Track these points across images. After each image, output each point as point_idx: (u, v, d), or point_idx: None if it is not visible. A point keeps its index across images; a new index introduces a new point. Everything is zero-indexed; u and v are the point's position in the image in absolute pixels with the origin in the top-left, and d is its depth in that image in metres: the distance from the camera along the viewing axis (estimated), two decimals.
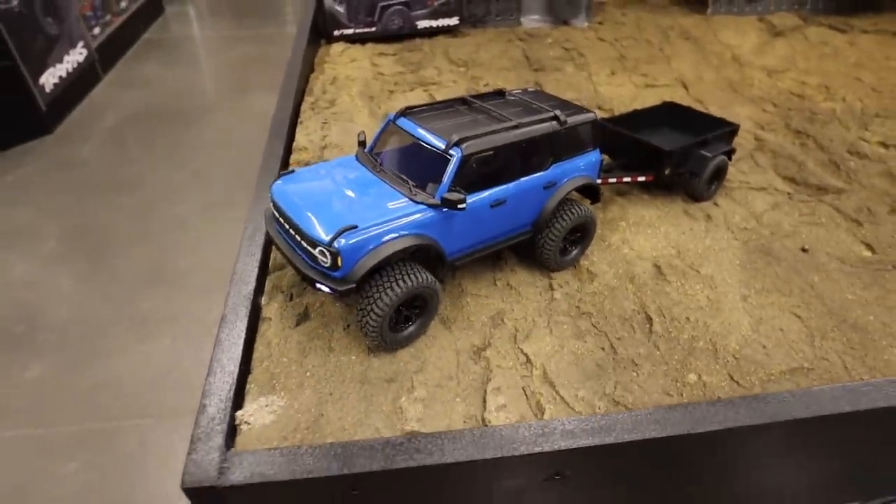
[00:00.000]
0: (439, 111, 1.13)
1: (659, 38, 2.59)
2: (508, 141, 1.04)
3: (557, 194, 1.14)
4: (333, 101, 1.89)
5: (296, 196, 1.00)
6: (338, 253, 0.89)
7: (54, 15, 5.34)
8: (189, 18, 8.59)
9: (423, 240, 0.96)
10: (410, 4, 2.39)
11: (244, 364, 0.93)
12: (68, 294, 4.08)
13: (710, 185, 1.55)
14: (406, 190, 1.00)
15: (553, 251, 1.17)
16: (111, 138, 5.72)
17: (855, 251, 1.46)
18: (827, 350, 1.12)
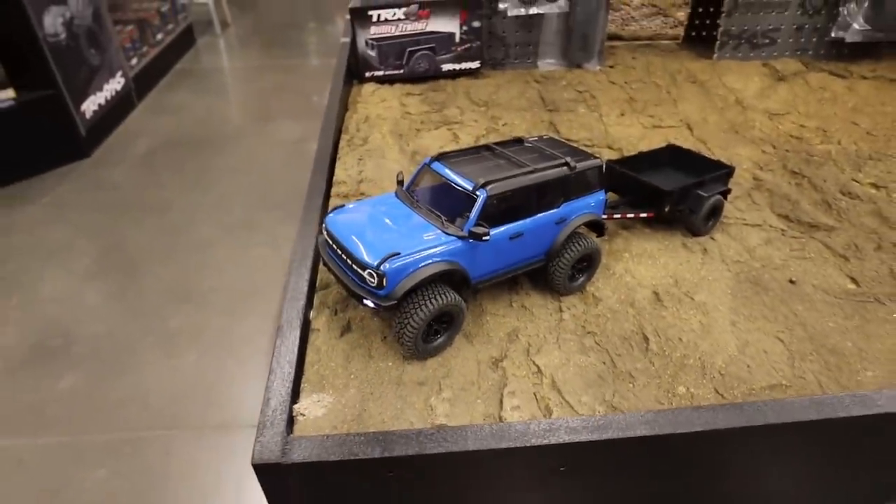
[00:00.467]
0: (468, 156, 1.33)
1: (667, 81, 2.77)
2: (526, 184, 1.22)
3: (567, 229, 1.32)
4: (366, 138, 2.09)
5: (346, 227, 1.20)
6: (384, 275, 1.08)
7: (97, 46, 5.68)
8: (219, 49, 8.97)
9: (452, 265, 1.14)
10: (436, 49, 2.60)
11: (298, 367, 1.10)
12: (101, 310, 4.30)
13: (707, 222, 1.71)
14: (439, 223, 1.18)
15: (563, 278, 1.34)
16: (143, 162, 6.01)
17: (840, 284, 1.60)
18: (805, 370, 1.27)
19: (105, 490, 3.10)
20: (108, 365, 3.80)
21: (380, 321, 1.28)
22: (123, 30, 6.48)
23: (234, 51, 8.80)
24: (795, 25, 2.89)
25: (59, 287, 4.38)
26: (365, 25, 2.51)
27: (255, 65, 8.31)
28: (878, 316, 1.49)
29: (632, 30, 3.60)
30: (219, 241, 4.89)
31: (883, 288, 1.59)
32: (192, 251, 4.81)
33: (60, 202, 5.24)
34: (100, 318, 4.13)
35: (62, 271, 4.53)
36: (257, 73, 8.14)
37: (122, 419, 3.49)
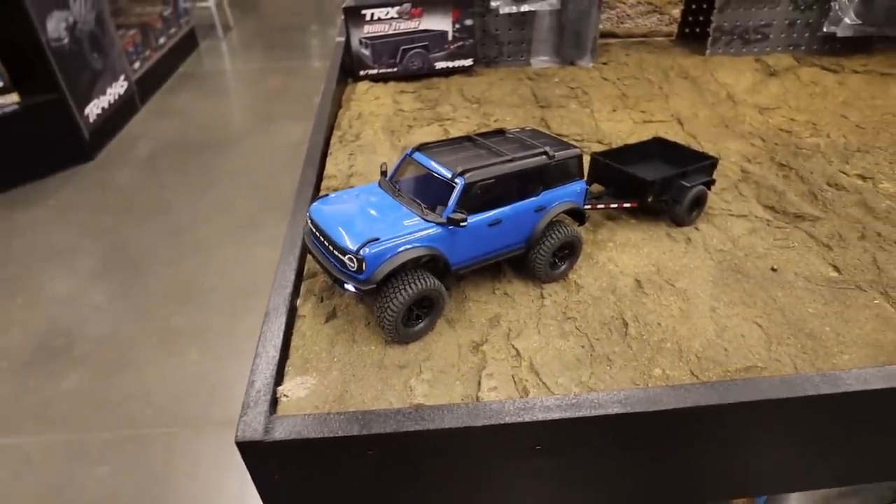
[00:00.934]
0: (448, 147, 1.36)
1: (659, 77, 2.80)
2: (504, 172, 1.25)
3: (547, 217, 1.35)
4: (359, 134, 2.12)
5: (329, 215, 1.24)
6: (363, 259, 1.11)
7: (100, 51, 5.75)
8: (221, 52, 9.03)
9: (432, 251, 1.18)
10: (429, 47, 2.64)
11: (283, 351, 1.14)
12: (104, 310, 4.36)
13: (691, 212, 1.74)
14: (419, 211, 1.22)
15: (543, 265, 1.37)
16: (146, 165, 6.08)
17: (822, 272, 1.63)
18: (781, 354, 1.29)
19: (108, 487, 3.15)
20: (110, 364, 3.86)
21: (364, 308, 1.31)
22: (126, 34, 6.56)
23: (236, 53, 8.88)
24: (787, 21, 2.91)
25: (63, 288, 4.45)
26: (358, 24, 2.55)
27: (257, 67, 8.38)
28: (857, 302, 1.51)
29: (627, 27, 3.62)
30: (220, 242, 4.95)
31: (864, 275, 1.62)
32: (194, 251, 4.88)
33: (64, 204, 5.31)
34: (103, 318, 4.19)
35: (66, 272, 4.59)
36: (259, 75, 8.21)
37: (124, 417, 3.54)
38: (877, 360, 1.35)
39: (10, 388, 3.67)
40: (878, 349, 1.37)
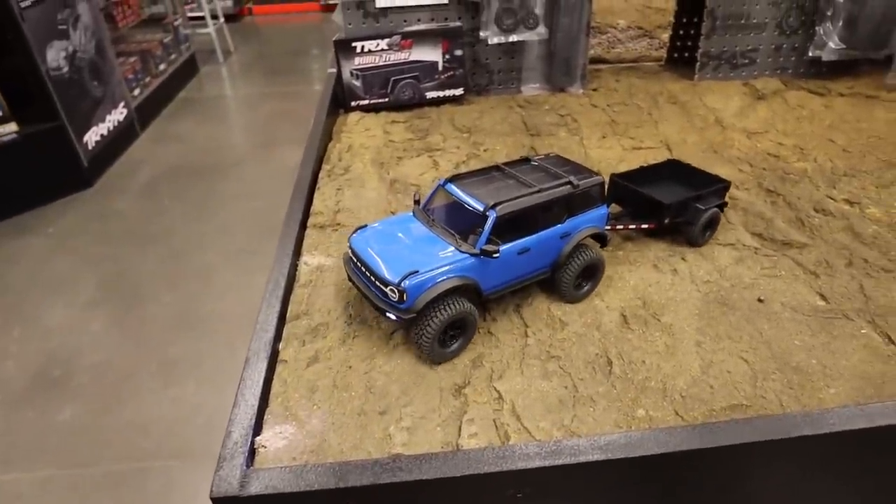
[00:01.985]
0: (478, 178, 1.43)
1: (648, 103, 2.82)
2: (532, 203, 1.33)
3: (571, 242, 1.42)
4: (348, 167, 2.14)
5: (368, 245, 1.32)
6: (404, 291, 1.19)
7: (100, 79, 5.82)
8: (222, 77, 9.12)
9: (466, 280, 1.26)
10: (420, 78, 2.66)
11: (263, 399, 1.13)
12: (103, 339, 4.36)
13: (704, 233, 1.79)
14: (453, 241, 1.29)
15: (568, 287, 1.44)
16: (146, 191, 6.11)
17: (809, 301, 1.62)
18: (767, 390, 1.29)
19: None
20: (108, 395, 3.85)
21: (346, 352, 1.31)
22: (126, 61, 6.63)
23: (236, 79, 8.96)
24: (774, 45, 2.94)
25: (61, 317, 4.45)
26: (349, 56, 2.58)
27: (258, 92, 8.46)
28: (844, 332, 1.51)
29: (617, 52, 3.66)
30: (221, 268, 4.95)
31: (852, 304, 1.61)
32: (194, 278, 4.88)
33: (63, 232, 5.33)
34: (101, 348, 4.18)
35: (64, 301, 4.60)
36: (260, 100, 8.28)
37: (122, 450, 3.52)
38: (864, 392, 1.34)
39: (3, 422, 3.66)
40: (866, 381, 1.37)
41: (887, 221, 1.93)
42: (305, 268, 1.57)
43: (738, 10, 2.86)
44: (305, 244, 1.66)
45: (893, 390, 1.34)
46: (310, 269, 1.56)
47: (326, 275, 1.55)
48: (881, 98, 2.66)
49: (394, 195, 1.96)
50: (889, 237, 1.86)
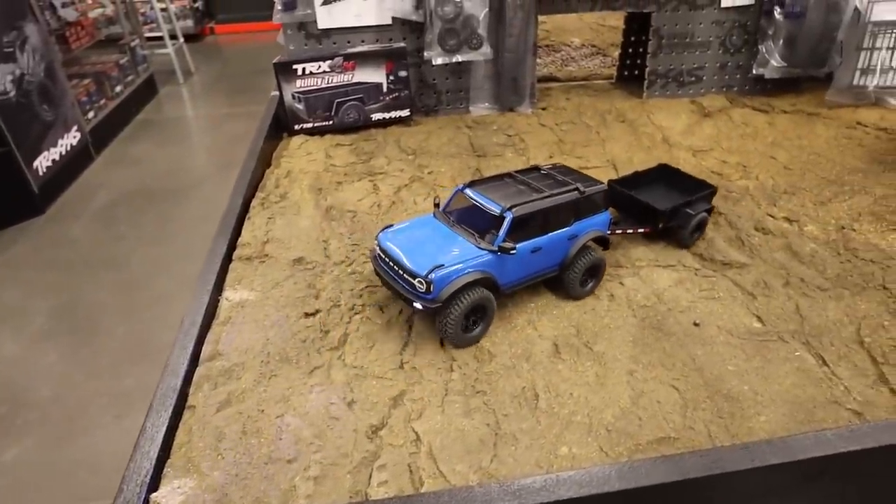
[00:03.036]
0: (493, 183, 1.56)
1: (597, 121, 2.82)
2: (544, 206, 1.46)
3: (577, 243, 1.55)
4: (284, 194, 2.08)
5: (397, 242, 1.42)
6: (431, 282, 1.31)
7: (50, 102, 5.67)
8: (182, 98, 8.99)
9: (485, 274, 1.38)
10: (364, 100, 2.63)
11: (164, 450, 1.07)
12: (53, 372, 4.19)
13: (693, 236, 1.89)
14: (473, 240, 1.41)
15: (575, 284, 1.57)
16: (101, 216, 5.95)
17: (746, 323, 1.61)
18: (696, 420, 1.26)
19: None
20: (57, 431, 3.68)
21: (260, 395, 1.25)
22: (80, 84, 6.49)
23: (197, 99, 8.84)
24: (719, 63, 2.97)
25: (9, 350, 4.27)
26: (290, 79, 2.53)
27: (220, 112, 8.34)
28: (779, 355, 1.49)
29: (570, 70, 3.68)
30: (179, 295, 4.81)
31: (787, 325, 1.60)
32: (149, 306, 4.74)
33: (13, 261, 5.15)
34: (51, 381, 4.02)
35: (13, 333, 4.42)
36: (222, 120, 8.17)
37: (72, 488, 3.36)
38: (795, 418, 1.32)
39: None
40: (797, 406, 1.35)
41: (824, 239, 1.93)
42: (226, 303, 1.50)
43: (682, 30, 2.89)
44: (229, 278, 1.59)
45: (824, 415, 1.33)
46: (231, 305, 1.49)
47: (248, 311, 1.48)
48: (822, 115, 2.70)
49: (328, 223, 1.91)
50: (826, 255, 1.86)
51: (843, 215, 2.04)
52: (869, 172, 2.24)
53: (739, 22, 2.89)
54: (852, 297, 1.71)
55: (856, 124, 2.57)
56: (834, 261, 1.84)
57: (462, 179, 2.31)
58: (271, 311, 1.48)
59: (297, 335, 1.41)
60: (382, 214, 2.00)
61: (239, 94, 8.85)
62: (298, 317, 1.47)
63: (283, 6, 2.50)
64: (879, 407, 1.37)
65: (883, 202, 2.07)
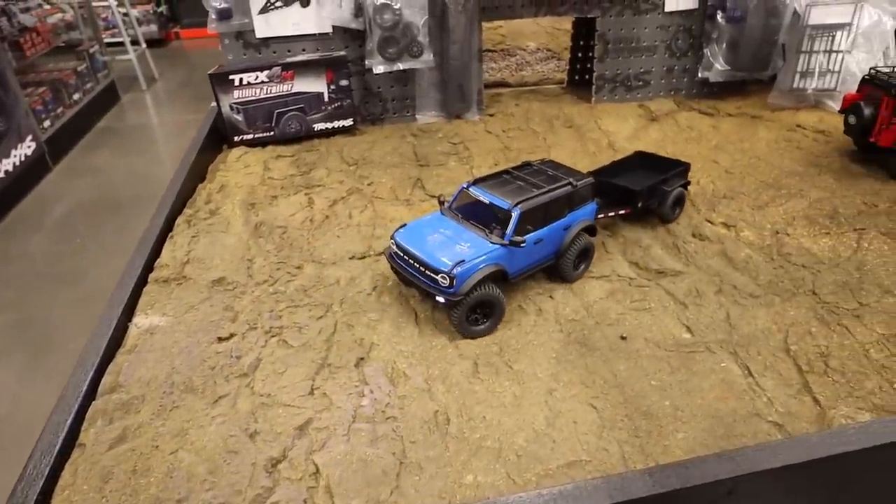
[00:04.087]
0: (495, 181, 1.68)
1: (544, 127, 2.80)
2: (545, 201, 1.59)
3: (571, 232, 1.68)
4: (215, 210, 2.02)
5: (414, 241, 1.51)
6: (454, 277, 1.39)
7: (2, 112, 5.50)
8: (145, 105, 8.82)
9: (499, 267, 1.49)
10: (306, 110, 2.58)
11: (43, 495, 1.01)
12: (4, 394, 4.05)
13: (673, 211, 2.02)
14: (484, 235, 1.52)
15: (569, 268, 1.70)
16: (58, 229, 5.79)
17: (675, 334, 1.59)
18: (611, 440, 1.23)
19: None
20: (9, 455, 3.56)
21: (157, 428, 1.20)
22: (35, 92, 6.33)
23: (161, 106, 8.67)
24: (665, 67, 2.97)
25: None
26: (227, 90, 2.48)
27: (184, 119, 8.19)
28: (705, 367, 1.48)
29: (522, 75, 3.66)
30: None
31: (716, 335, 1.59)
32: None
33: None
34: (3, 403, 3.89)
35: None
36: (186, 127, 8.01)
37: None
38: (714, 433, 1.30)
39: None
40: (717, 421, 1.33)
41: (759, 244, 1.93)
42: (135, 330, 1.44)
43: (628, 34, 2.88)
44: (141, 302, 1.54)
45: (744, 429, 1.31)
46: (139, 332, 1.44)
47: (157, 337, 1.43)
48: (764, 118, 2.71)
49: (256, 240, 1.86)
50: (759, 260, 1.86)
51: (778, 219, 2.04)
52: (805, 175, 2.24)
53: (684, 26, 2.89)
54: (782, 303, 1.70)
55: (796, 127, 2.58)
56: (767, 266, 1.84)
57: (402, 190, 2.28)
58: (182, 336, 1.43)
59: (207, 362, 1.36)
60: (314, 230, 1.96)
61: (204, 101, 8.66)
62: (210, 342, 1.42)
63: (218, 15, 2.45)
64: (801, 418, 1.36)
65: (817, 205, 2.07)
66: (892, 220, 1.96)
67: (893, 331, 1.59)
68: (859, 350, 1.54)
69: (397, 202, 2.19)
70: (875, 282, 1.75)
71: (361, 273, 1.73)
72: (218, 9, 2.42)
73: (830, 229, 1.97)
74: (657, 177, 1.98)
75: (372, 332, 1.49)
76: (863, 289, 1.73)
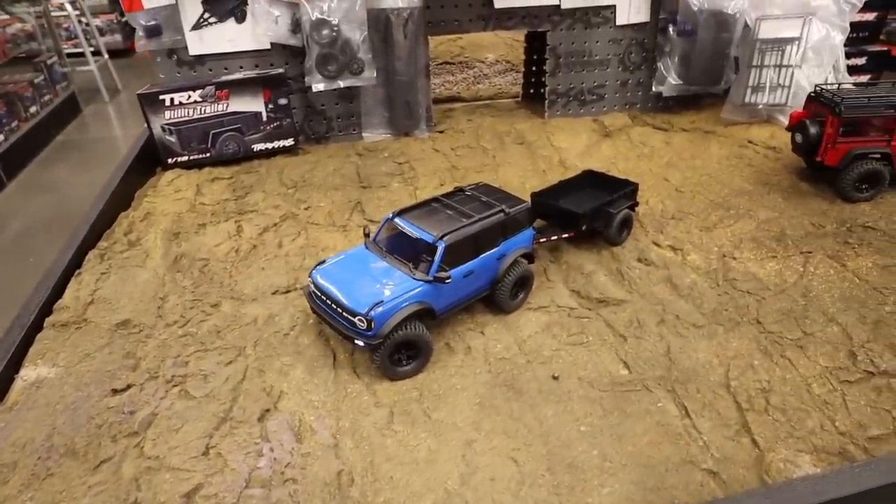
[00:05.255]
0: (421, 210, 1.59)
1: (495, 144, 2.71)
2: (473, 231, 1.50)
3: (506, 261, 1.60)
4: (135, 241, 1.91)
5: (332, 280, 1.42)
6: (372, 320, 1.31)
7: None
8: (108, 117, 8.60)
9: (423, 305, 1.40)
10: (243, 130, 2.47)
11: None
12: None
13: (620, 233, 1.94)
14: (407, 270, 1.43)
15: (505, 299, 1.62)
16: (12, 250, 5.57)
17: (611, 371, 1.51)
18: (528, 499, 1.14)
19: None
20: None
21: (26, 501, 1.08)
22: None
23: (125, 118, 8.47)
24: (619, 81, 2.91)
25: None
26: (158, 111, 2.36)
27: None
28: (640, 408, 1.40)
29: (477, 89, 3.58)
30: None
31: (654, 371, 1.51)
32: None
33: None
34: None
35: None
36: None
37: None
38: (644, 485, 1.22)
39: None
40: (648, 471, 1.24)
41: (706, 269, 1.86)
42: (21, 384, 1.32)
43: (580, 48, 2.82)
44: (32, 351, 1.41)
45: (675, 480, 1.23)
46: (24, 386, 1.32)
47: (43, 391, 1.31)
48: (718, 133, 2.66)
49: (173, 275, 1.75)
50: (705, 287, 1.79)
51: (725, 242, 1.97)
52: (755, 194, 2.19)
53: (637, 39, 2.83)
54: (726, 333, 1.63)
55: (748, 143, 2.53)
56: (712, 293, 1.77)
57: (340, 215, 2.18)
58: (70, 390, 1.31)
59: (94, 419, 1.24)
60: (239, 261, 1.85)
61: None
62: (102, 395, 1.31)
63: (146, 32, 2.33)
64: (737, 463, 1.28)
65: (765, 227, 2.01)
66: (838, 241, 1.90)
67: (836, 363, 1.52)
68: (801, 385, 1.48)
69: (333, 228, 2.09)
70: (820, 308, 1.68)
71: (282, 310, 1.63)
72: (145, 26, 2.31)
73: (777, 252, 1.90)
74: (604, 198, 1.91)
75: (283, 379, 1.38)
76: (807, 317, 1.66)
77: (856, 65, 3.44)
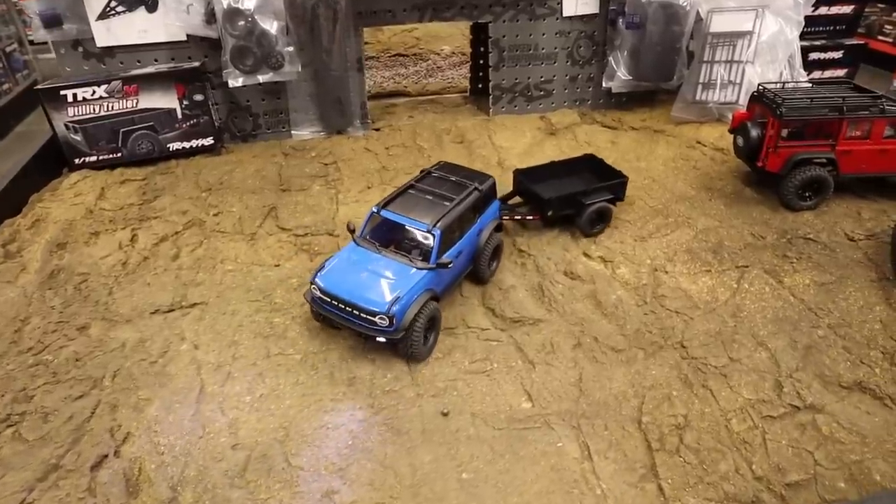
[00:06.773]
0: (403, 199, 1.60)
1: (432, 143, 2.55)
2: (460, 213, 1.56)
3: (483, 235, 1.66)
4: (15, 252, 1.75)
5: (340, 283, 1.42)
6: (393, 316, 1.34)
7: None
8: None
9: (431, 292, 1.45)
10: (157, 128, 2.30)
11: None
12: None
13: (593, 226, 1.87)
14: (408, 261, 1.46)
15: (485, 269, 1.68)
16: None
17: (512, 404, 1.37)
18: None
19: None
20: None
21: None
22: None
23: None
24: (568, 76, 2.75)
25: None
26: (60, 107, 2.19)
27: None
28: (536, 449, 1.26)
29: (424, 83, 3.41)
30: None
31: (561, 404, 1.37)
32: None
33: None
34: None
35: None
36: None
37: None
38: None
39: None
40: None
41: (634, 284, 1.72)
42: None
43: (524, 41, 2.65)
44: None
45: None
46: None
47: None
48: (667, 133, 2.51)
49: (44, 293, 1.59)
50: (630, 304, 1.65)
51: (660, 254, 1.83)
52: (696, 200, 2.04)
53: (586, 32, 2.67)
54: (646, 359, 1.49)
55: (696, 143, 2.38)
56: (637, 312, 1.63)
57: (251, 221, 2.02)
58: None
59: None
60: (124, 276, 1.69)
61: None
62: None
63: (44, 22, 2.15)
64: None
65: (702, 237, 1.87)
66: (777, 255, 1.77)
67: (760, 394, 1.39)
68: (720, 420, 1.34)
69: (240, 237, 1.93)
70: (750, 331, 1.55)
71: (155, 333, 1.47)
72: (42, 14, 2.12)
73: (712, 266, 1.76)
74: (580, 187, 1.87)
75: (135, 417, 1.23)
76: (735, 340, 1.53)
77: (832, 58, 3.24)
